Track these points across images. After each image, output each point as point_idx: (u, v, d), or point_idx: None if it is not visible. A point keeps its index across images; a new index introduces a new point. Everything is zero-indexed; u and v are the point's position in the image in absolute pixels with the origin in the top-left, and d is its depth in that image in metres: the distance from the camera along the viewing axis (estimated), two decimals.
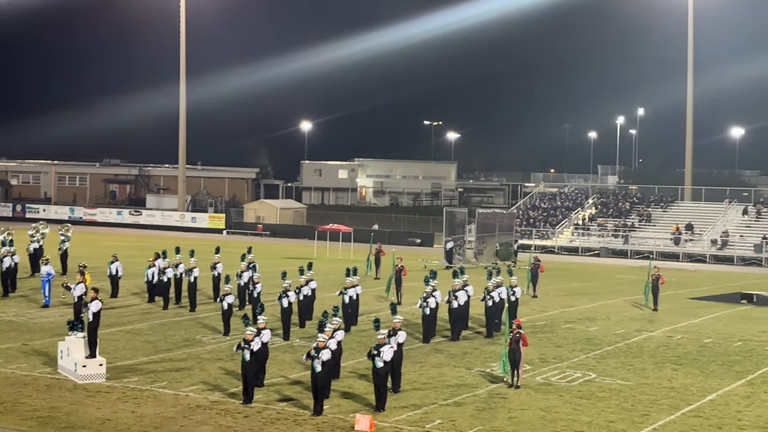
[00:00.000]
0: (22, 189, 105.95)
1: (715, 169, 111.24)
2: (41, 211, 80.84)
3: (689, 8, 73.94)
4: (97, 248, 52.54)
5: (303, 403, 20.20)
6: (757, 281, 50.01)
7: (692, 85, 75.54)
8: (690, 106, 75.68)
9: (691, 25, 74.36)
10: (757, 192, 76.07)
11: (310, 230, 65.18)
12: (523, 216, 72.27)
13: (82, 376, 21.68)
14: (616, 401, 21.33)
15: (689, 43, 74.66)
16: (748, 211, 68.83)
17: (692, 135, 76.48)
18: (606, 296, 40.83)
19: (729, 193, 74.09)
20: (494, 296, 28.97)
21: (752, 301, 39.12)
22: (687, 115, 75.97)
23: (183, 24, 78.42)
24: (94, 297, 24.01)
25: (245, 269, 32.62)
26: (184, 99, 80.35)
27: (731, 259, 62.97)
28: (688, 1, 73.73)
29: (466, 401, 20.97)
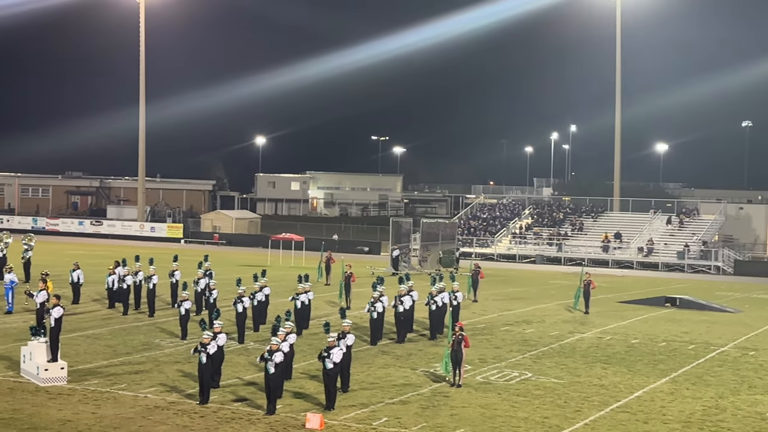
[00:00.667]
0: None
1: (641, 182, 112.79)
2: (5, 222, 79.31)
3: (617, 31, 75.11)
4: (59, 257, 51.73)
5: (257, 403, 20.07)
6: (679, 286, 50.86)
7: (620, 104, 76.72)
8: (618, 123, 76.80)
9: (619, 48, 75.54)
10: (679, 203, 77.32)
11: (264, 239, 64.80)
12: (465, 225, 72.64)
13: (44, 379, 21.33)
14: (551, 398, 21.50)
15: (617, 64, 75.82)
16: (671, 220, 69.99)
17: (620, 150, 77.60)
18: (541, 301, 41.16)
19: (654, 204, 75.26)
20: (437, 301, 29.05)
21: (675, 305, 39.70)
22: (615, 132, 77.08)
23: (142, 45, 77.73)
24: (56, 303, 23.66)
25: (202, 276, 32.32)
26: (143, 115, 79.60)
27: (656, 265, 63.90)
28: (616, 24, 74.88)
29: (411, 400, 20.99)
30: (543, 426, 19.11)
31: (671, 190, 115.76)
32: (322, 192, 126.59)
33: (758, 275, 60.17)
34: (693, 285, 52.38)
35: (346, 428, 18.50)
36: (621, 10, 74.65)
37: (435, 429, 18.58)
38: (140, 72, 78.42)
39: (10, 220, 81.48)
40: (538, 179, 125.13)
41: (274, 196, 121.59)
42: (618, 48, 75.40)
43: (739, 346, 29.89)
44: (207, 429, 18.17)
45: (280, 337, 20.44)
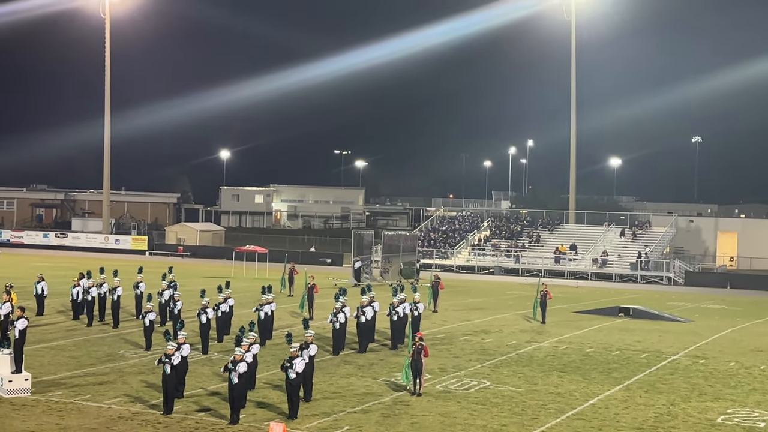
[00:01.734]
0: None
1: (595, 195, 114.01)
2: None
3: (572, 48, 75.96)
4: (23, 269, 51.02)
5: (220, 412, 19.93)
6: (632, 296, 51.37)
7: (575, 120, 77.53)
8: (573, 139, 77.60)
9: (574, 64, 76.42)
10: (632, 216, 78.27)
11: (228, 251, 64.51)
12: (425, 237, 72.83)
13: (8, 390, 21.02)
14: (509, 406, 21.60)
15: (572, 80, 76.68)
16: (625, 233, 70.74)
17: (575, 164, 78.36)
18: (499, 311, 41.35)
19: (608, 216, 76.07)
20: (399, 311, 29.08)
21: (629, 314, 40.06)
22: (571, 147, 77.86)
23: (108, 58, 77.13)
24: (20, 315, 23.38)
25: (166, 288, 32.11)
26: (108, 127, 78.93)
27: (610, 276, 64.51)
28: (571, 41, 75.74)
29: (372, 408, 20.97)
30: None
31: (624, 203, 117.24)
32: (285, 205, 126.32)
33: (708, 286, 60.96)
34: (645, 295, 52.92)
35: None
36: (576, 28, 75.55)
37: None
38: (106, 84, 77.80)
39: None
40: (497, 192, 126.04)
41: (238, 208, 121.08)
42: (573, 64, 76.28)
43: (690, 354, 30.25)
44: None
45: (243, 347, 20.34)
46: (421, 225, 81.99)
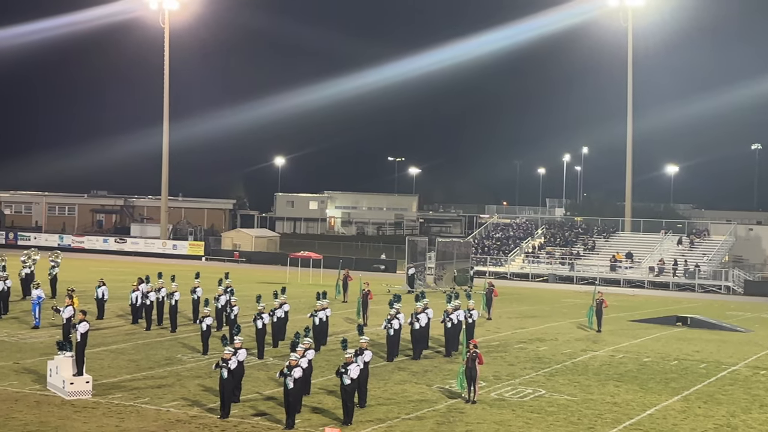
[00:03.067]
0: (14, 218, 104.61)
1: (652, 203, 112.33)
2: (32, 239, 79.84)
3: (629, 54, 75.11)
4: (84, 273, 51.96)
5: (276, 417, 20.05)
6: (690, 305, 50.52)
7: (632, 126, 76.59)
8: (630, 145, 76.67)
9: (631, 70, 75.53)
10: (690, 224, 76.94)
11: (283, 257, 64.87)
12: (479, 244, 72.53)
13: (70, 392, 21.40)
14: (564, 415, 21.38)
15: (629, 85, 75.78)
16: (682, 241, 69.63)
17: (632, 171, 77.40)
18: (554, 319, 40.97)
19: (665, 224, 74.92)
20: (453, 318, 29.01)
21: (686, 324, 39.41)
22: (627, 154, 76.94)
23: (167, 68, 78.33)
24: (81, 319, 23.75)
25: (223, 293, 32.42)
26: (167, 135, 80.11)
27: (667, 285, 63.53)
28: (628, 47, 74.90)
29: (426, 415, 20.92)
30: None
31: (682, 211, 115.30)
32: (339, 211, 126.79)
33: None
34: (704, 304, 52.02)
35: None
36: (632, 33, 74.69)
37: None
38: (164, 92, 78.99)
39: (38, 237, 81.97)
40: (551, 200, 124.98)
41: (293, 215, 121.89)
42: (630, 70, 75.39)
43: (750, 365, 29.63)
44: None
45: (299, 352, 20.44)
46: (475, 232, 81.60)
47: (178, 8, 76.24)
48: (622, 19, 74.52)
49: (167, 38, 77.87)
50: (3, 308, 34.35)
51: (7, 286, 34.71)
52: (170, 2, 75.36)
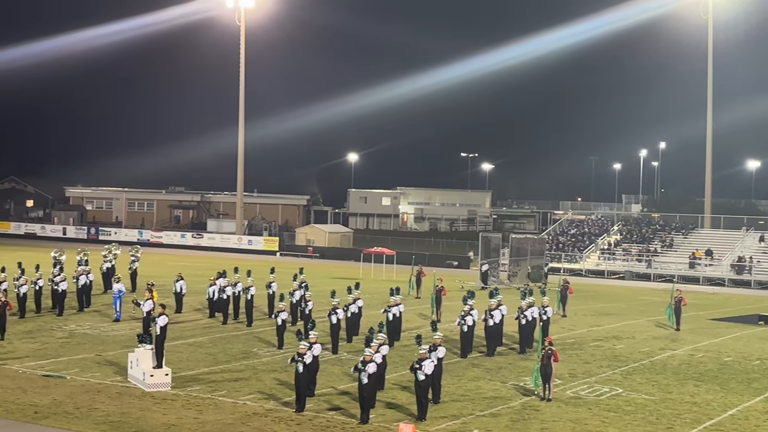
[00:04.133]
0: (95, 213, 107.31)
1: (732, 199, 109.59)
2: (113, 234, 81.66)
3: (709, 49, 73.37)
4: (163, 268, 52.99)
5: (350, 412, 20.16)
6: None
7: (711, 120, 74.79)
8: (709, 140, 74.89)
9: (711, 63, 73.76)
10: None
11: (357, 253, 65.20)
12: (553, 241, 71.73)
13: (150, 384, 21.86)
14: (642, 415, 21.03)
15: (709, 79, 74.02)
16: (764, 238, 67.74)
17: (711, 166, 75.62)
18: (631, 316, 40.32)
19: (746, 221, 72.98)
20: (527, 315, 28.80)
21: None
22: (707, 148, 75.19)
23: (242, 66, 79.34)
24: (161, 312, 24.20)
25: (297, 288, 32.73)
26: (242, 132, 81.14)
27: (748, 282, 61.87)
28: (708, 39, 73.17)
29: (501, 412, 20.80)
30: None
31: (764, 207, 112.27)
32: (412, 207, 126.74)
33: None
34: None
35: None
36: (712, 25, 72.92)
37: None
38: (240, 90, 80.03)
39: (118, 232, 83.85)
40: (627, 196, 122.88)
41: (366, 211, 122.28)
42: (710, 64, 73.61)
43: None
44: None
45: (373, 348, 20.51)
46: (549, 228, 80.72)
47: (253, 6, 77.08)
48: (702, 12, 72.81)
49: (243, 36, 78.83)
50: (85, 301, 35.22)
51: (89, 279, 35.56)
52: (246, 0, 76.24)
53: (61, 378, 22.84)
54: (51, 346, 27.27)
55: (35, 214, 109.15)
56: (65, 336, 29.06)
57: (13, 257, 45.22)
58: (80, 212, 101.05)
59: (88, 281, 35.43)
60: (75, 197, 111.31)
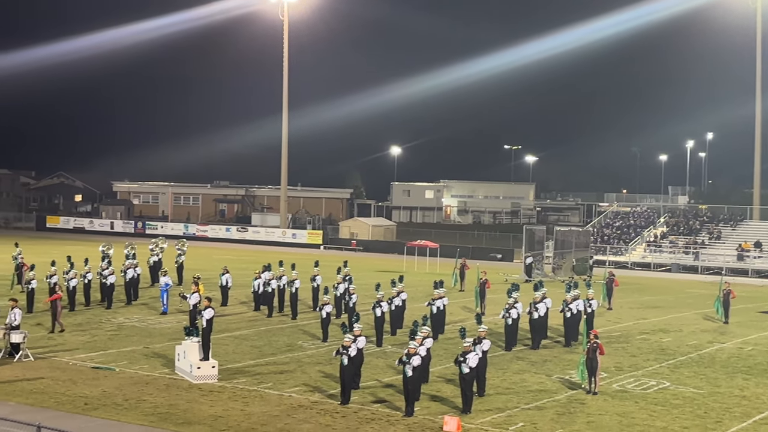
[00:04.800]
0: (142, 208, 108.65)
1: None
2: (159, 228, 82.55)
3: (758, 34, 72.02)
4: (209, 261, 53.46)
5: (395, 404, 20.20)
6: None
7: (760, 109, 73.42)
8: (758, 129, 73.51)
9: (760, 52, 72.39)
10: None
11: (400, 246, 65.16)
12: (598, 233, 71.06)
13: (197, 376, 22.09)
14: (690, 408, 20.79)
15: (758, 68, 72.61)
16: None
17: (760, 156, 74.27)
18: (678, 309, 39.82)
19: None
20: (572, 308, 28.60)
21: None
22: (755, 138, 73.86)
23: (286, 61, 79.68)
24: (207, 305, 24.42)
25: (341, 281, 32.82)
26: (286, 128, 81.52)
27: None
28: (756, 27, 71.83)
29: (546, 406, 20.70)
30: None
31: None
32: (455, 200, 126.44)
33: None
34: None
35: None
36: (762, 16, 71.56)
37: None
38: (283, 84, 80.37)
39: (164, 226, 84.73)
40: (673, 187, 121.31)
41: (409, 204, 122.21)
42: (758, 53, 72.17)
43: None
44: (348, 429, 18.41)
45: (417, 341, 20.53)
46: (594, 220, 79.96)
47: (296, 1, 77.39)
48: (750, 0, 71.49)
49: (286, 30, 79.13)
50: (133, 294, 35.66)
51: (136, 273, 36.01)
52: None
53: (110, 370, 23.19)
54: (100, 338, 27.69)
55: (84, 209, 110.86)
56: (114, 329, 29.49)
57: (62, 251, 45.99)
58: (127, 207, 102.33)
59: (135, 275, 35.86)
60: (122, 192, 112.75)
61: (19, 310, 24.94)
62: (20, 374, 22.34)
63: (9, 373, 22.48)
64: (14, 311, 24.51)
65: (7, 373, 22.47)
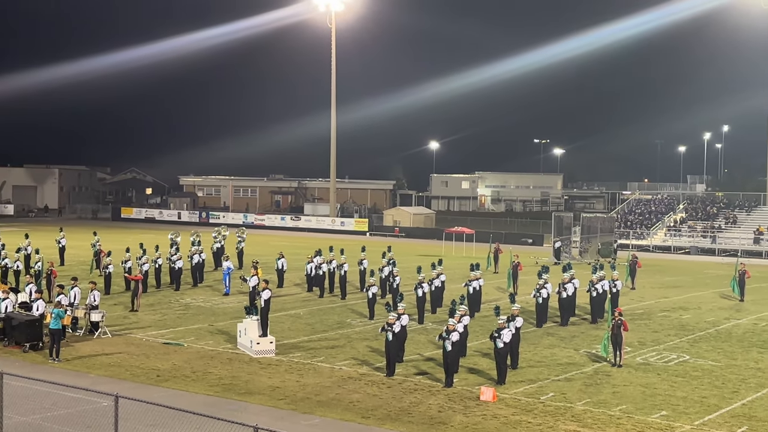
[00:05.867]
0: (206, 199, 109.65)
1: None
2: (221, 217, 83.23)
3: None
4: (266, 247, 53.83)
5: (436, 376, 20.21)
6: None
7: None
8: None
9: None
10: None
11: (439, 232, 65.03)
12: (622, 219, 70.21)
13: (257, 351, 22.28)
14: (708, 380, 20.51)
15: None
16: None
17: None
18: (696, 289, 39.24)
19: None
20: (598, 288, 28.33)
21: None
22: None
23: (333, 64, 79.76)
24: (265, 287, 24.66)
25: (386, 264, 32.87)
26: (334, 125, 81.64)
27: None
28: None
29: (575, 377, 20.56)
30: (701, 405, 18.26)
31: None
32: (489, 190, 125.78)
33: None
34: None
35: (517, 401, 18.33)
36: None
37: (598, 405, 18.12)
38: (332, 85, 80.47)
39: (226, 216, 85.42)
40: (692, 176, 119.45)
41: (447, 194, 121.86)
42: None
43: None
44: (394, 398, 18.46)
45: (455, 318, 20.50)
46: (618, 207, 79.00)
47: (343, 9, 77.41)
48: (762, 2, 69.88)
49: (333, 37, 79.21)
50: (199, 277, 36.06)
51: (201, 258, 36.41)
52: (336, 5, 76.61)
53: (179, 345, 23.49)
54: (170, 317, 28.05)
55: (154, 201, 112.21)
56: (182, 308, 29.86)
57: (135, 239, 46.64)
58: (192, 198, 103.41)
59: (200, 260, 36.27)
60: (188, 185, 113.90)
61: (98, 292, 25.39)
62: (99, 349, 22.74)
63: (89, 348, 22.90)
64: (93, 293, 24.94)
65: (87, 348, 22.89)
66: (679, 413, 17.62)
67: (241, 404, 17.75)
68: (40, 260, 32.56)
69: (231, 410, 16.73)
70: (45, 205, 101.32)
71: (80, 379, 19.25)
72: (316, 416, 17.04)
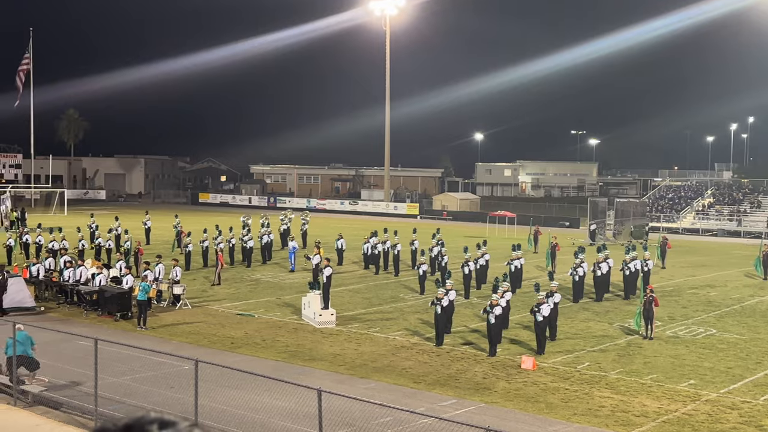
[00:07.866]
0: (273, 186, 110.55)
1: None
2: (287, 202, 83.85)
3: None
4: (327, 229, 54.05)
5: (480, 346, 20.14)
6: None
7: None
8: None
9: None
10: None
11: (483, 216, 64.55)
12: (653, 204, 68.83)
13: (319, 322, 22.48)
14: (734, 352, 20.05)
15: None
16: None
17: None
18: (723, 268, 38.29)
19: None
20: (630, 267, 27.86)
21: None
22: None
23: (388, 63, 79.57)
24: (326, 264, 24.80)
25: (435, 245, 32.77)
26: (388, 117, 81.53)
27: None
28: None
29: (608, 349, 20.29)
30: (727, 374, 17.86)
31: None
32: (529, 177, 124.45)
33: None
34: None
35: (555, 370, 18.17)
36: None
37: (631, 374, 17.86)
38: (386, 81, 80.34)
39: (291, 201, 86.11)
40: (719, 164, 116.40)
41: (491, 180, 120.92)
42: None
43: None
44: (442, 365, 18.46)
45: (499, 294, 20.37)
46: (649, 193, 77.41)
47: (396, 13, 77.15)
48: None
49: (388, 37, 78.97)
50: (267, 256, 36.41)
51: (270, 239, 36.76)
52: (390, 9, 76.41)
53: (250, 316, 23.82)
54: (242, 291, 28.44)
55: (227, 187, 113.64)
56: (253, 283, 30.24)
57: (212, 221, 47.30)
58: (262, 185, 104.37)
59: (269, 240, 36.61)
60: (257, 173, 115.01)
61: (180, 268, 25.84)
62: (180, 319, 23.18)
63: (172, 318, 23.36)
64: (176, 269, 25.40)
65: (170, 318, 23.36)
66: (706, 382, 17.28)
67: (306, 369, 17.94)
68: (129, 240, 33.28)
69: (296, 374, 16.92)
70: (139, 192, 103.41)
71: (164, 345, 19.66)
72: (373, 381, 17.13)
